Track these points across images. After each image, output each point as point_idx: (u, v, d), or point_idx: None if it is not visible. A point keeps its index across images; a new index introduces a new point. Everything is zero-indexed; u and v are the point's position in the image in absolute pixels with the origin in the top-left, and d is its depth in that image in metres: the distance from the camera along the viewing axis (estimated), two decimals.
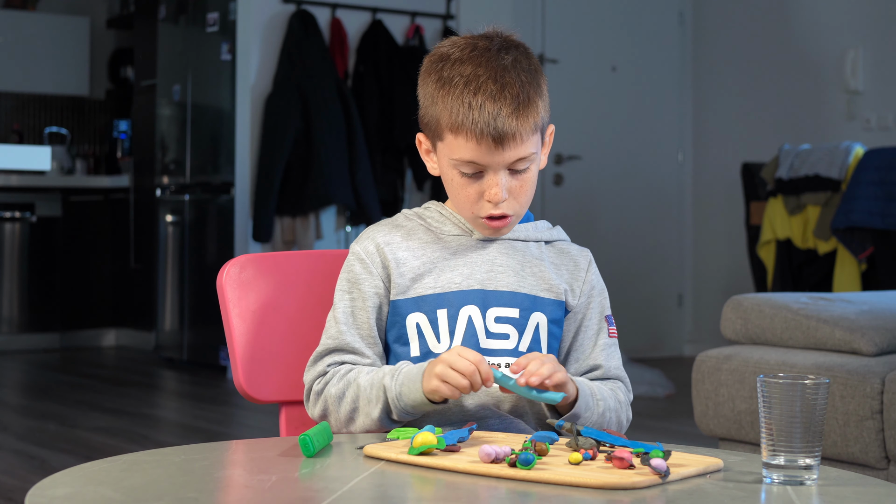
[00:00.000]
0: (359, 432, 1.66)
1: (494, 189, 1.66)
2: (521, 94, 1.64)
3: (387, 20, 6.69)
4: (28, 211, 7.47)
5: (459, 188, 1.69)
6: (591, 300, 1.76)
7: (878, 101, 6.43)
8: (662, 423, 5.14)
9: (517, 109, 1.64)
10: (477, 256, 1.73)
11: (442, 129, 1.68)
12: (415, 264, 1.72)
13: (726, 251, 7.21)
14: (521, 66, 1.67)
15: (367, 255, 1.73)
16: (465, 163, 1.67)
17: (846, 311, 3.09)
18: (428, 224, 1.76)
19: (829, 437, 2.89)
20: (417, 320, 1.69)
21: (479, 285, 1.70)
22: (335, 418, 1.67)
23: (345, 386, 1.66)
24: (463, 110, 1.64)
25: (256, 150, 6.39)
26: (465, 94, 1.64)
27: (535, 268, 1.74)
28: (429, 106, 1.70)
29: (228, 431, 4.98)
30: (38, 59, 8.21)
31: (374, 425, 1.64)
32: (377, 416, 1.63)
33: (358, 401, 1.64)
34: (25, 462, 4.26)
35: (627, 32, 7.37)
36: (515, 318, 1.69)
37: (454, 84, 1.66)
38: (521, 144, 1.65)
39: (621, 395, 1.72)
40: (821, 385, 1.34)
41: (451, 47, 1.70)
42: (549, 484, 1.31)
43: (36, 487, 1.27)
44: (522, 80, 1.65)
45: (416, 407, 1.60)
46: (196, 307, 6.82)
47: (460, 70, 1.66)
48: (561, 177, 7.16)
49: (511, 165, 1.67)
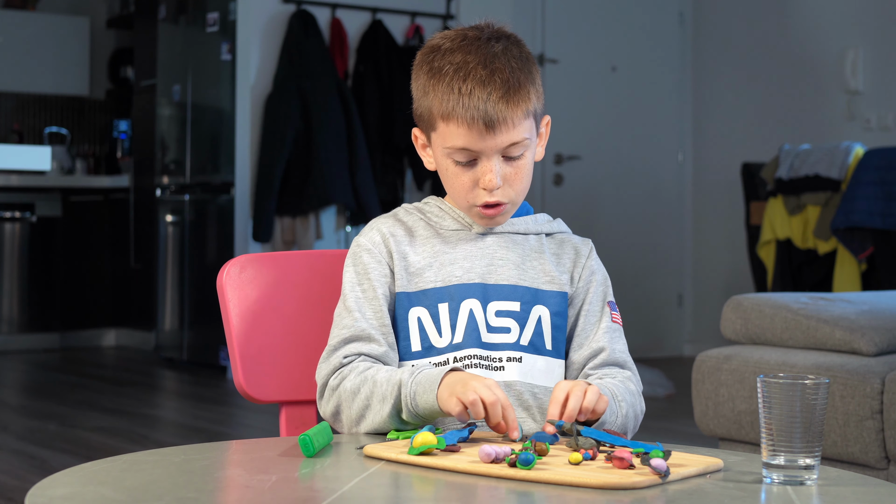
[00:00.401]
0: (365, 431, 1.64)
1: (489, 175, 1.66)
2: (511, 80, 1.65)
3: (387, 20, 6.69)
4: (28, 211, 7.47)
5: (454, 177, 1.69)
6: (592, 284, 1.75)
7: (878, 101, 6.43)
8: (662, 423, 5.14)
9: (507, 94, 1.64)
10: (477, 250, 1.72)
11: (434, 118, 1.68)
12: (415, 259, 1.72)
13: (726, 251, 7.21)
14: (511, 54, 1.68)
15: (374, 246, 1.73)
16: (459, 150, 1.67)
17: (846, 311, 3.09)
18: (428, 219, 1.76)
19: (829, 437, 2.89)
20: (419, 314, 1.69)
21: (479, 279, 1.70)
22: (346, 416, 1.64)
23: (361, 382, 1.64)
24: (453, 97, 1.65)
25: (256, 150, 6.39)
26: (455, 81, 1.65)
27: (535, 260, 1.73)
28: (421, 97, 1.70)
29: (228, 431, 4.98)
30: (38, 59, 8.21)
31: (384, 424, 1.61)
32: (387, 412, 1.60)
33: (372, 398, 1.61)
34: (25, 462, 4.26)
35: (627, 32, 7.37)
36: (516, 311, 1.69)
37: (444, 72, 1.66)
38: (512, 129, 1.65)
39: (632, 386, 1.70)
40: (821, 385, 1.34)
41: (442, 39, 1.71)
42: (549, 484, 1.31)
43: (36, 487, 1.27)
44: (512, 66, 1.66)
45: (428, 412, 1.57)
46: (196, 307, 6.82)
47: (450, 59, 1.67)
48: (561, 177, 7.16)
49: (504, 151, 1.66)
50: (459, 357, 1.66)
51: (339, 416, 1.66)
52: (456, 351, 1.67)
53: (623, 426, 1.64)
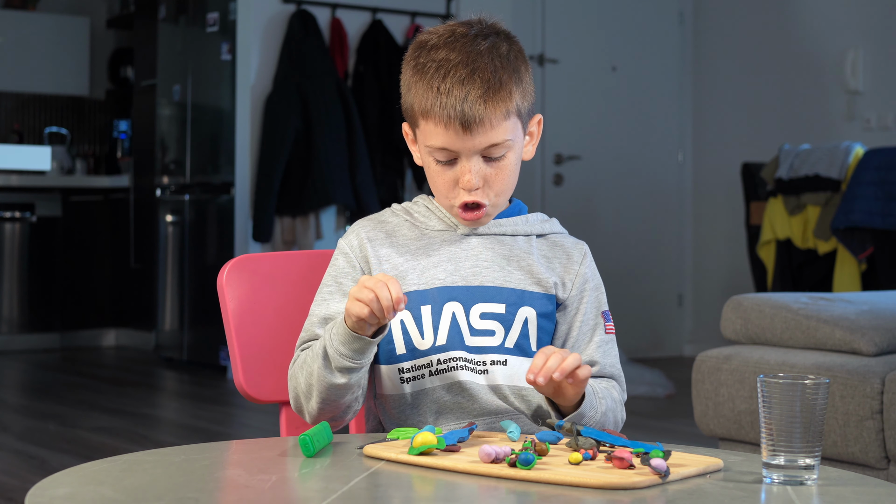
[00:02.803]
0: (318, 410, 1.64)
1: (467, 175, 1.65)
2: (493, 79, 1.62)
3: (387, 20, 6.69)
4: (28, 211, 7.47)
5: (436, 175, 1.68)
6: (585, 294, 1.73)
7: (878, 101, 6.43)
8: (662, 423, 5.14)
9: (486, 94, 1.62)
10: (461, 252, 1.71)
11: (416, 115, 1.68)
12: (398, 261, 1.71)
13: (726, 251, 7.21)
14: (497, 52, 1.65)
15: (350, 250, 1.74)
16: (438, 149, 1.66)
17: (846, 311, 3.09)
18: (414, 219, 1.75)
19: (829, 437, 2.89)
20: (402, 317, 1.68)
21: (463, 281, 1.68)
22: (302, 394, 1.65)
23: (305, 356, 1.66)
24: (431, 95, 1.64)
25: (256, 150, 6.39)
26: (435, 79, 1.64)
27: (522, 262, 1.71)
28: (406, 93, 1.70)
29: (228, 431, 4.98)
30: (38, 59, 8.21)
31: (327, 390, 1.61)
32: (319, 367, 1.61)
33: (309, 362, 1.63)
34: (25, 462, 4.26)
35: (627, 32, 7.37)
36: (501, 313, 1.67)
37: (426, 69, 1.66)
38: (490, 130, 1.63)
39: (616, 394, 1.70)
40: (821, 385, 1.34)
41: (431, 35, 1.70)
42: (549, 484, 1.31)
43: (36, 487, 1.27)
44: (496, 65, 1.64)
45: (343, 342, 1.58)
46: (196, 307, 6.82)
47: (434, 55, 1.66)
48: (561, 177, 7.16)
49: (484, 152, 1.65)
50: (443, 359, 1.66)
51: (299, 400, 1.67)
52: (439, 353, 1.66)
53: (600, 423, 1.63)
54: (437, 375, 1.66)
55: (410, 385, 1.67)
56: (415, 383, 1.67)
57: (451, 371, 1.65)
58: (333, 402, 1.63)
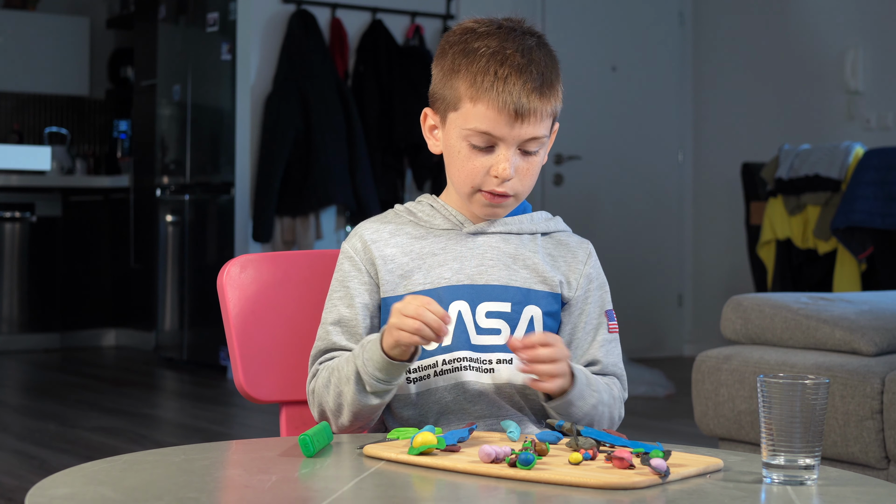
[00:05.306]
0: (350, 421, 1.64)
1: (503, 164, 1.64)
2: (546, 74, 1.65)
3: (387, 20, 6.69)
4: (28, 211, 7.47)
5: (465, 160, 1.67)
6: (590, 293, 1.73)
7: (878, 101, 6.43)
8: (662, 423, 5.14)
9: (542, 87, 1.64)
10: (467, 251, 1.71)
11: (461, 98, 1.65)
12: (403, 261, 1.70)
13: (726, 251, 7.21)
14: (544, 51, 1.68)
15: (355, 253, 1.73)
16: (480, 133, 1.65)
17: (846, 311, 3.09)
18: (418, 219, 1.74)
19: (829, 437, 2.89)
20: None
21: (468, 280, 1.68)
22: (329, 410, 1.66)
23: (328, 374, 1.66)
24: (488, 78, 1.63)
25: (256, 150, 6.39)
26: (492, 64, 1.63)
27: (527, 260, 1.71)
28: (448, 76, 1.67)
29: (228, 431, 4.98)
30: (38, 59, 8.21)
31: (361, 406, 1.62)
32: (354, 390, 1.61)
33: (340, 384, 1.63)
34: (25, 462, 4.26)
35: (627, 32, 7.37)
36: (507, 312, 1.67)
37: (480, 53, 1.65)
38: (537, 123, 1.64)
39: (615, 391, 1.70)
40: (821, 385, 1.34)
41: (476, 23, 1.70)
42: (549, 484, 1.31)
43: (36, 487, 1.27)
44: (547, 63, 1.66)
45: (380, 369, 1.58)
46: (196, 307, 6.82)
47: (487, 42, 1.66)
48: (561, 177, 7.16)
49: (523, 144, 1.65)
50: (448, 359, 1.66)
51: (326, 415, 1.67)
52: (445, 353, 1.66)
53: (589, 415, 1.63)
54: (442, 376, 1.66)
55: (416, 385, 1.67)
56: (420, 384, 1.67)
57: (455, 371, 1.65)
58: (365, 416, 1.65)
